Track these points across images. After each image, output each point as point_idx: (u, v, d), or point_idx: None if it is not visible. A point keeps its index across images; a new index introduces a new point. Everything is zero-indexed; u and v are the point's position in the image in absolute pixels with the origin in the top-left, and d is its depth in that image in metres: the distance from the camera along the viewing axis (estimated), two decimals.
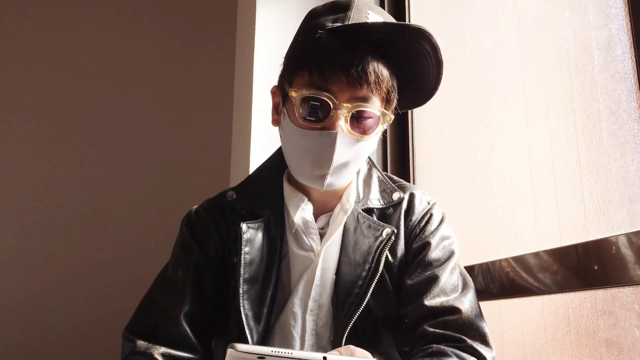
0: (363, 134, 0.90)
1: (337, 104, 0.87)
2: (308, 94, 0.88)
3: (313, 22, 0.94)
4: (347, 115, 0.88)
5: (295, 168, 0.95)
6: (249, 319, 0.90)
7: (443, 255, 0.94)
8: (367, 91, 0.88)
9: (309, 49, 0.90)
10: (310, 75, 0.88)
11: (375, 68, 0.87)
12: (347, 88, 0.87)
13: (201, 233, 0.98)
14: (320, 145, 0.87)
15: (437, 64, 0.91)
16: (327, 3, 0.96)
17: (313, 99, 0.88)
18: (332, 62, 0.87)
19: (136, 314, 0.95)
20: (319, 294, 0.93)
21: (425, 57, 0.91)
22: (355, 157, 0.91)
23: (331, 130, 0.87)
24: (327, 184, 0.90)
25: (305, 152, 0.90)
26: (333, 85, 0.87)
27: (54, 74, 2.35)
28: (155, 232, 2.09)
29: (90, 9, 2.42)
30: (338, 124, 0.87)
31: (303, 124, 0.89)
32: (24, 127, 2.30)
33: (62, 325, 2.10)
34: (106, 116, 2.33)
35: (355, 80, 0.86)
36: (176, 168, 2.27)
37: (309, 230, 0.95)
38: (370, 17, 0.91)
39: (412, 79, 0.94)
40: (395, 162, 1.75)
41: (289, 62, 0.95)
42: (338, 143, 0.86)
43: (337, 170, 0.89)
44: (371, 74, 0.87)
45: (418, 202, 1.00)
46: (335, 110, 0.87)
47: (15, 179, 2.25)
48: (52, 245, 2.18)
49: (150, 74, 2.37)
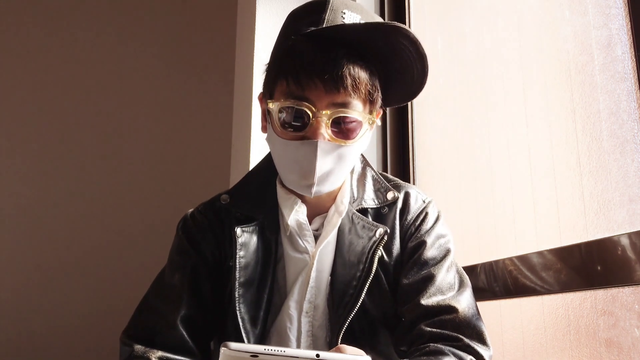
0: (346, 139, 0.89)
1: (315, 112, 0.86)
2: (285, 104, 0.87)
3: (290, 27, 0.93)
4: (327, 121, 0.86)
5: (282, 176, 0.95)
6: (245, 322, 0.90)
7: (439, 254, 0.94)
8: (345, 96, 0.86)
9: (285, 56, 0.89)
10: (287, 83, 0.87)
11: (350, 71, 0.85)
12: (324, 94, 0.86)
13: (197, 237, 0.98)
14: (302, 155, 0.87)
15: (420, 57, 0.88)
16: (303, 4, 0.95)
17: (291, 108, 0.87)
18: (307, 69, 0.85)
19: (133, 318, 0.95)
20: (314, 295, 0.93)
21: (404, 52, 0.89)
22: (340, 163, 0.90)
23: (312, 140, 0.86)
24: (314, 192, 0.89)
25: (290, 162, 0.90)
26: (310, 92, 0.86)
27: (54, 74, 2.35)
28: (155, 232, 2.08)
29: (90, 9, 2.42)
30: (319, 132, 0.86)
31: (284, 133, 0.89)
32: (24, 127, 2.30)
33: (61, 326, 2.10)
34: (106, 116, 2.33)
35: (331, 85, 0.85)
36: (176, 168, 2.27)
37: (304, 233, 0.95)
38: (346, 17, 0.90)
39: (396, 76, 0.93)
40: (395, 162, 1.75)
41: (269, 72, 0.94)
42: (319, 152, 0.86)
43: (323, 178, 0.89)
44: (347, 78, 0.85)
45: (413, 201, 0.99)
46: (314, 118, 0.86)
47: (15, 179, 2.25)
48: (52, 245, 2.18)
49: (150, 74, 2.37)
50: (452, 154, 1.53)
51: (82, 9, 2.42)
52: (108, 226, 2.22)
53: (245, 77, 1.77)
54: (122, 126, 2.33)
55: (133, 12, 2.43)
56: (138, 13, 2.43)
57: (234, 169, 1.82)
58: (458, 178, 1.49)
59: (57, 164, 2.27)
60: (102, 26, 2.42)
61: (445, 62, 1.57)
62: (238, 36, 2.02)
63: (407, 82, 0.94)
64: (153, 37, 2.41)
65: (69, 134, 2.30)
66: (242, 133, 1.74)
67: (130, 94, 2.36)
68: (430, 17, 1.71)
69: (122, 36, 2.41)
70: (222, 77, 2.25)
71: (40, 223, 2.21)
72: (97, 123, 2.32)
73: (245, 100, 1.73)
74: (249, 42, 1.76)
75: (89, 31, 2.41)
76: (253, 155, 1.62)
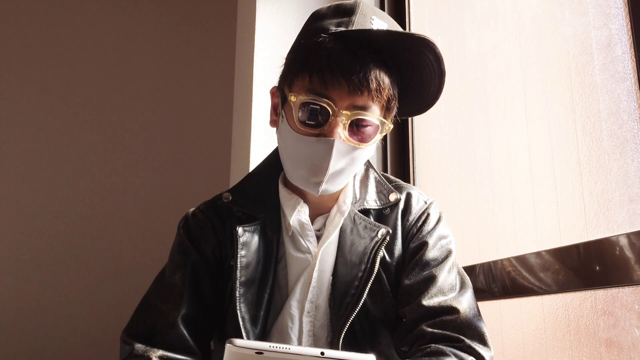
0: (361, 142, 0.89)
1: (336, 110, 0.86)
2: (307, 99, 0.87)
3: (316, 25, 0.92)
4: (345, 122, 0.87)
5: (290, 172, 0.94)
6: (245, 321, 0.90)
7: (440, 255, 0.94)
8: (367, 99, 0.87)
9: (311, 53, 0.88)
10: (310, 79, 0.87)
11: (377, 75, 0.86)
12: (347, 95, 0.86)
13: (198, 236, 0.98)
14: (317, 152, 0.87)
15: (440, 74, 0.90)
16: (331, 5, 0.94)
17: (312, 104, 0.86)
18: (334, 68, 0.85)
19: (134, 317, 0.95)
20: (315, 295, 0.93)
21: (428, 66, 0.89)
22: (351, 164, 0.90)
23: (329, 138, 0.86)
24: (322, 190, 0.89)
25: (302, 158, 0.89)
26: (333, 91, 0.86)
27: (54, 73, 2.35)
28: (155, 231, 2.09)
29: (90, 10, 2.42)
30: (336, 130, 0.86)
31: (301, 128, 0.88)
32: (23, 127, 2.30)
33: (61, 325, 2.10)
34: (106, 117, 2.33)
35: (356, 87, 0.85)
36: (176, 168, 2.28)
37: (306, 232, 0.95)
38: (374, 23, 0.90)
39: (413, 87, 0.93)
40: (395, 162, 1.75)
41: (290, 64, 0.93)
42: (335, 151, 0.86)
43: (333, 177, 0.89)
44: (372, 81, 0.85)
45: (415, 202, 0.99)
46: (334, 117, 0.86)
47: (15, 179, 2.25)
48: (52, 245, 2.18)
49: (150, 74, 2.37)
50: (452, 154, 1.53)
51: (82, 9, 2.42)
52: (108, 225, 2.22)
53: (245, 77, 1.77)
54: (122, 126, 2.33)
55: (133, 12, 2.43)
56: (138, 13, 2.43)
57: (234, 169, 1.82)
58: (458, 178, 1.49)
59: (57, 164, 2.27)
60: (102, 26, 2.42)
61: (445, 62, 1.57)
62: (238, 36, 2.02)
63: (422, 96, 0.94)
64: (153, 37, 2.41)
65: (69, 134, 2.30)
66: (242, 133, 1.74)
67: (131, 94, 2.36)
68: (430, 17, 1.71)
69: (122, 36, 2.41)
70: (222, 76, 2.26)
71: (40, 223, 2.21)
72: (97, 123, 2.32)
73: (246, 100, 1.73)
74: (249, 42, 1.76)
75: (89, 31, 2.41)
76: (253, 155, 1.62)
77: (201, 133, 2.30)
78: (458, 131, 1.51)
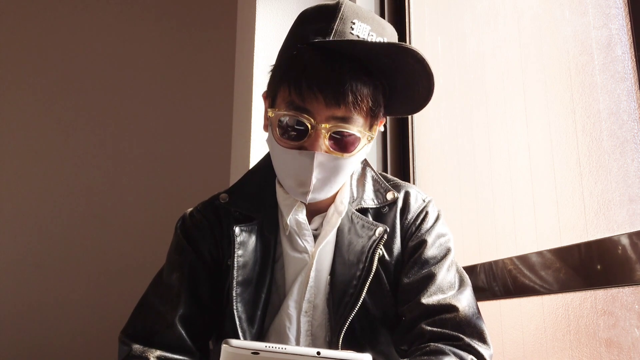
0: (344, 152, 0.89)
1: (314, 124, 0.86)
2: (285, 114, 0.87)
3: (298, 31, 0.92)
4: (326, 134, 0.86)
5: (280, 178, 0.96)
6: (242, 321, 0.90)
7: (439, 253, 0.94)
8: (345, 111, 0.86)
9: (289, 64, 0.89)
10: (289, 92, 0.87)
11: (353, 87, 0.85)
12: (325, 108, 0.85)
13: (195, 236, 0.98)
14: (299, 165, 0.87)
15: (427, 76, 0.87)
16: (315, 6, 0.94)
17: (291, 120, 0.87)
18: (310, 81, 0.84)
19: (132, 317, 0.95)
20: (313, 295, 0.93)
21: (411, 70, 0.88)
22: (337, 174, 0.90)
23: (309, 151, 0.86)
24: (309, 199, 0.90)
25: (286, 169, 0.90)
26: (311, 104, 0.85)
27: (54, 73, 2.35)
28: (155, 231, 2.08)
29: (90, 9, 2.42)
30: (317, 143, 0.86)
31: (283, 142, 0.89)
32: (23, 127, 2.30)
33: (61, 326, 2.10)
34: (106, 116, 2.33)
35: (332, 100, 0.84)
36: (176, 168, 2.27)
37: (303, 232, 0.95)
38: (355, 28, 0.89)
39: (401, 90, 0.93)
40: (395, 162, 1.75)
41: (273, 75, 0.94)
42: (316, 163, 0.86)
43: (319, 186, 0.89)
44: (348, 95, 0.84)
45: (413, 201, 0.99)
46: (313, 130, 0.86)
47: (15, 179, 2.25)
48: (51, 245, 2.18)
49: (150, 74, 2.37)
50: (452, 154, 1.53)
51: (82, 8, 2.42)
52: (107, 225, 2.22)
53: (245, 77, 1.77)
54: (122, 126, 2.33)
55: (133, 12, 2.44)
56: (138, 13, 2.43)
57: (234, 169, 1.82)
58: (458, 178, 1.49)
59: (57, 164, 2.27)
60: (102, 26, 2.42)
61: (445, 62, 1.57)
62: (238, 36, 2.02)
63: (412, 97, 0.93)
64: (153, 37, 2.41)
65: (69, 134, 2.30)
66: (242, 133, 1.74)
67: (131, 94, 2.36)
68: (430, 17, 1.71)
69: (122, 36, 2.41)
70: (222, 77, 2.26)
71: (40, 223, 2.21)
72: (97, 123, 2.32)
73: (246, 100, 1.73)
74: (249, 42, 1.76)
75: (89, 31, 2.41)
76: (253, 155, 1.62)
77: (201, 133, 2.30)
78: (458, 131, 1.51)
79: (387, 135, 1.77)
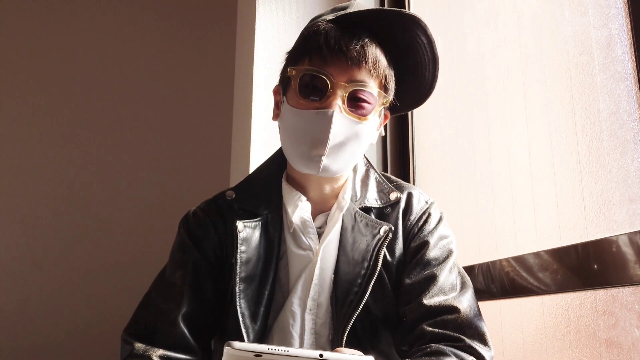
0: (361, 116, 0.90)
1: (334, 82, 0.88)
2: (307, 71, 0.89)
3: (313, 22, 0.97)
4: (344, 95, 0.88)
5: (291, 153, 0.94)
6: (245, 317, 0.90)
7: (441, 255, 0.94)
8: (365, 73, 0.89)
9: (309, 37, 0.92)
10: (310, 60, 0.90)
11: (372, 50, 0.89)
12: (346, 69, 0.88)
13: (199, 234, 0.98)
14: (316, 124, 0.88)
15: (433, 59, 0.94)
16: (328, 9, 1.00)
17: (311, 76, 0.89)
18: (331, 45, 0.88)
19: (135, 316, 0.95)
20: (317, 292, 0.93)
21: (420, 49, 0.93)
22: (352, 140, 0.91)
23: (327, 109, 0.87)
24: (322, 166, 0.89)
25: (302, 133, 0.90)
26: (332, 66, 0.89)
27: (54, 73, 2.35)
28: (155, 231, 2.08)
29: (90, 9, 2.42)
30: (335, 102, 0.88)
31: (301, 102, 0.90)
32: (23, 127, 2.30)
33: (62, 326, 2.10)
34: (106, 116, 2.33)
35: (354, 59, 0.88)
36: (176, 168, 2.27)
37: (307, 230, 0.95)
38: None
39: (408, 75, 0.96)
40: (395, 162, 1.75)
41: (290, 54, 0.97)
42: (334, 122, 0.87)
43: (334, 151, 0.89)
44: (369, 54, 0.89)
45: (416, 202, 1.00)
46: (332, 89, 0.88)
47: (14, 179, 2.25)
48: (52, 245, 2.18)
49: (150, 74, 2.37)
50: (452, 154, 1.53)
51: (82, 8, 2.42)
52: (108, 225, 2.22)
53: (245, 77, 1.77)
54: (122, 126, 2.32)
55: (133, 12, 2.43)
56: (138, 12, 2.43)
57: (234, 169, 1.82)
58: (458, 178, 1.49)
59: (57, 164, 2.27)
60: (102, 26, 2.42)
61: (445, 62, 1.57)
62: (238, 36, 2.02)
63: (418, 83, 0.96)
64: (153, 37, 2.41)
65: (68, 134, 2.30)
66: (242, 133, 1.74)
67: (130, 94, 2.36)
68: (430, 17, 1.71)
69: (122, 36, 2.41)
70: (222, 76, 2.25)
71: (40, 223, 2.21)
72: (96, 123, 2.32)
73: (246, 100, 1.73)
74: (249, 42, 1.76)
75: (89, 31, 2.41)
76: (253, 155, 1.62)
77: (201, 133, 2.30)
78: (458, 131, 1.51)
79: (387, 136, 1.77)
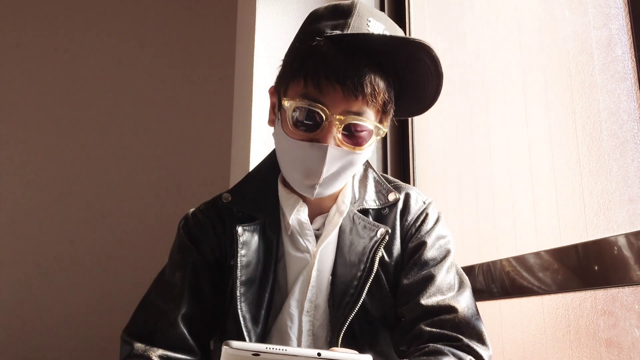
0: (356, 146, 0.88)
1: (329, 115, 0.85)
2: (301, 104, 0.86)
3: (312, 27, 0.92)
4: (339, 127, 0.86)
5: (286, 174, 0.95)
6: (246, 321, 0.90)
7: (439, 255, 0.94)
8: (361, 104, 0.86)
9: (306, 56, 0.88)
10: (305, 83, 0.86)
11: (371, 80, 0.85)
12: (341, 100, 0.85)
13: (198, 235, 0.98)
14: (310, 157, 0.86)
15: (437, 76, 0.89)
16: (328, 6, 0.94)
17: (305, 110, 0.86)
18: (328, 72, 0.84)
19: (134, 316, 0.95)
20: (315, 294, 0.93)
21: (424, 68, 0.89)
22: (346, 168, 0.90)
23: (322, 144, 0.86)
24: (316, 193, 0.89)
25: (296, 162, 0.89)
26: (327, 96, 0.85)
27: (54, 73, 2.35)
28: (155, 231, 2.09)
29: (90, 9, 2.42)
30: (330, 136, 0.86)
31: (294, 133, 0.88)
32: (23, 127, 2.30)
33: (61, 325, 2.10)
34: (106, 116, 2.33)
35: (350, 92, 0.84)
36: (176, 168, 2.27)
37: (305, 232, 0.95)
38: (371, 25, 0.89)
39: (410, 89, 0.93)
40: (395, 162, 1.75)
41: (286, 67, 0.93)
42: (329, 156, 0.86)
43: (327, 181, 0.89)
44: (367, 86, 0.84)
45: (414, 202, 0.99)
46: (327, 122, 0.86)
47: (15, 179, 2.25)
48: (52, 244, 2.18)
49: (150, 74, 2.37)
50: (452, 155, 1.53)
51: (82, 8, 2.42)
52: (108, 225, 2.22)
53: (245, 77, 1.77)
54: (122, 126, 2.33)
55: (133, 12, 2.43)
56: (138, 12, 2.43)
57: (234, 169, 1.82)
58: (458, 178, 1.49)
59: (57, 164, 2.27)
60: (102, 26, 2.42)
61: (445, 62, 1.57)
62: (238, 36, 2.02)
63: (420, 98, 0.93)
64: (153, 37, 2.41)
65: (68, 134, 2.30)
66: (242, 132, 1.74)
67: (130, 94, 2.36)
68: (430, 17, 1.71)
69: (122, 35, 2.41)
70: (222, 76, 2.26)
71: (40, 223, 2.21)
72: (97, 122, 2.32)
73: (246, 100, 1.73)
74: (249, 42, 1.76)
75: (88, 30, 2.41)
76: (253, 155, 1.62)
77: (201, 133, 2.30)
78: (458, 131, 1.51)
79: (387, 136, 1.77)
